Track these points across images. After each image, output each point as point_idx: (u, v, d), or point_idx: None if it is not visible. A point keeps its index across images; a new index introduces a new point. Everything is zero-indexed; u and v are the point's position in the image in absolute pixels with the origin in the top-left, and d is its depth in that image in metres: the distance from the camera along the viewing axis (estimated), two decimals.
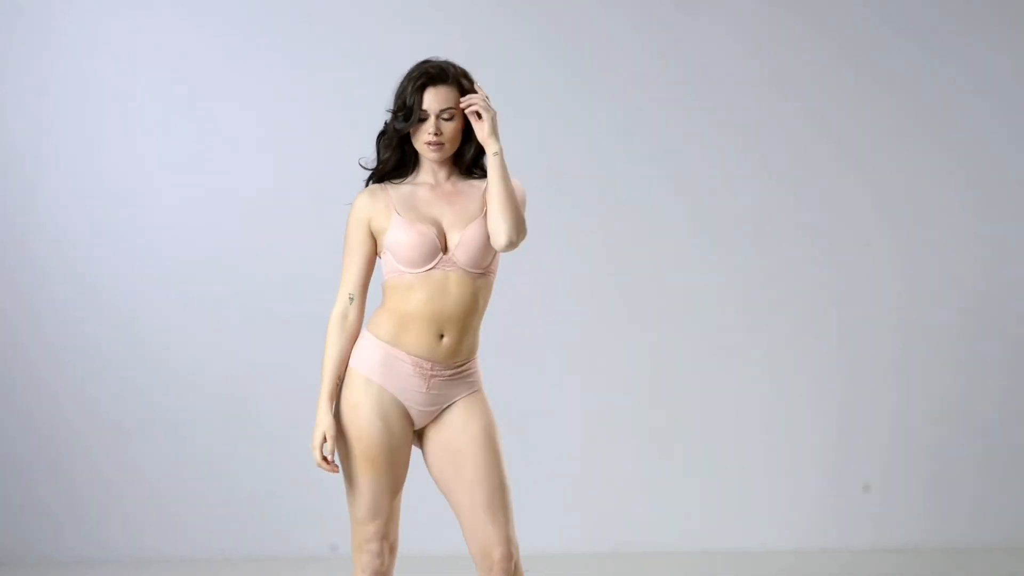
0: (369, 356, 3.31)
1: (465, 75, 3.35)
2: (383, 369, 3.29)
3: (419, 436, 3.40)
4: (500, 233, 3.26)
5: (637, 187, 5.98)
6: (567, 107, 5.97)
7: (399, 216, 3.30)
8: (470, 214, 3.31)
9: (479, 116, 3.28)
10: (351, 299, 3.36)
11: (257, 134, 5.92)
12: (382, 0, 5.97)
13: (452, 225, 3.31)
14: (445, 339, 3.30)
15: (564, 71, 5.95)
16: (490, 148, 3.28)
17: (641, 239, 5.99)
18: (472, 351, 3.36)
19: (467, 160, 3.36)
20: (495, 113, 3.29)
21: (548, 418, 5.92)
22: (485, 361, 3.42)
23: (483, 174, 3.36)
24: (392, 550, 3.37)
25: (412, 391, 3.31)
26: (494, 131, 3.27)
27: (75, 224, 5.89)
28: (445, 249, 3.29)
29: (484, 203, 3.32)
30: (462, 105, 3.28)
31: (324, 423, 3.30)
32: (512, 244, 3.28)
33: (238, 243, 5.90)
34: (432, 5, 5.95)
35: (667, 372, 5.98)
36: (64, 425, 5.90)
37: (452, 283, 3.29)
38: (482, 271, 3.32)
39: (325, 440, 3.30)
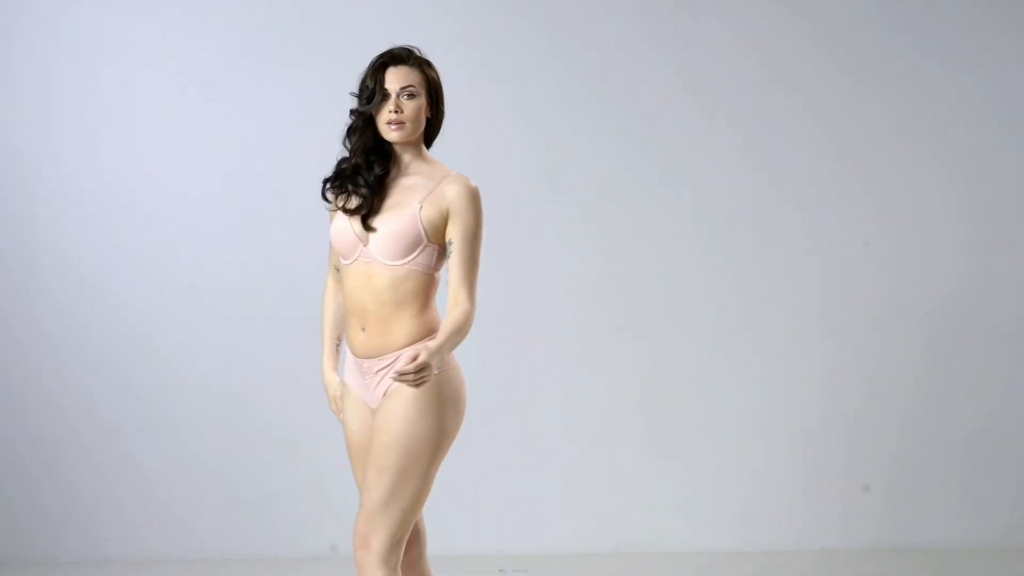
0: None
1: (428, 64, 3.30)
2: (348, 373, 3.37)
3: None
4: None
5: (636, 186, 5.97)
6: (566, 106, 5.97)
7: (340, 208, 3.31)
8: (404, 205, 3.24)
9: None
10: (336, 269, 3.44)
11: (258, 134, 5.91)
12: (382, 0, 5.97)
13: (381, 218, 3.25)
14: (364, 334, 3.26)
15: (563, 70, 5.94)
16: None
17: (641, 239, 5.99)
18: (399, 345, 3.24)
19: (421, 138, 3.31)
20: (428, 368, 3.14)
21: (548, 418, 5.92)
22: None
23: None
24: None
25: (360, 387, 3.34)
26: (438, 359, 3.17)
27: (75, 224, 5.88)
28: (367, 242, 3.25)
29: (425, 196, 3.24)
30: (396, 379, 3.16)
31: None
32: None
33: (238, 243, 5.90)
34: (433, 5, 5.95)
35: (667, 372, 5.97)
36: (64, 425, 5.90)
37: (372, 276, 3.24)
38: (403, 263, 3.23)
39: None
